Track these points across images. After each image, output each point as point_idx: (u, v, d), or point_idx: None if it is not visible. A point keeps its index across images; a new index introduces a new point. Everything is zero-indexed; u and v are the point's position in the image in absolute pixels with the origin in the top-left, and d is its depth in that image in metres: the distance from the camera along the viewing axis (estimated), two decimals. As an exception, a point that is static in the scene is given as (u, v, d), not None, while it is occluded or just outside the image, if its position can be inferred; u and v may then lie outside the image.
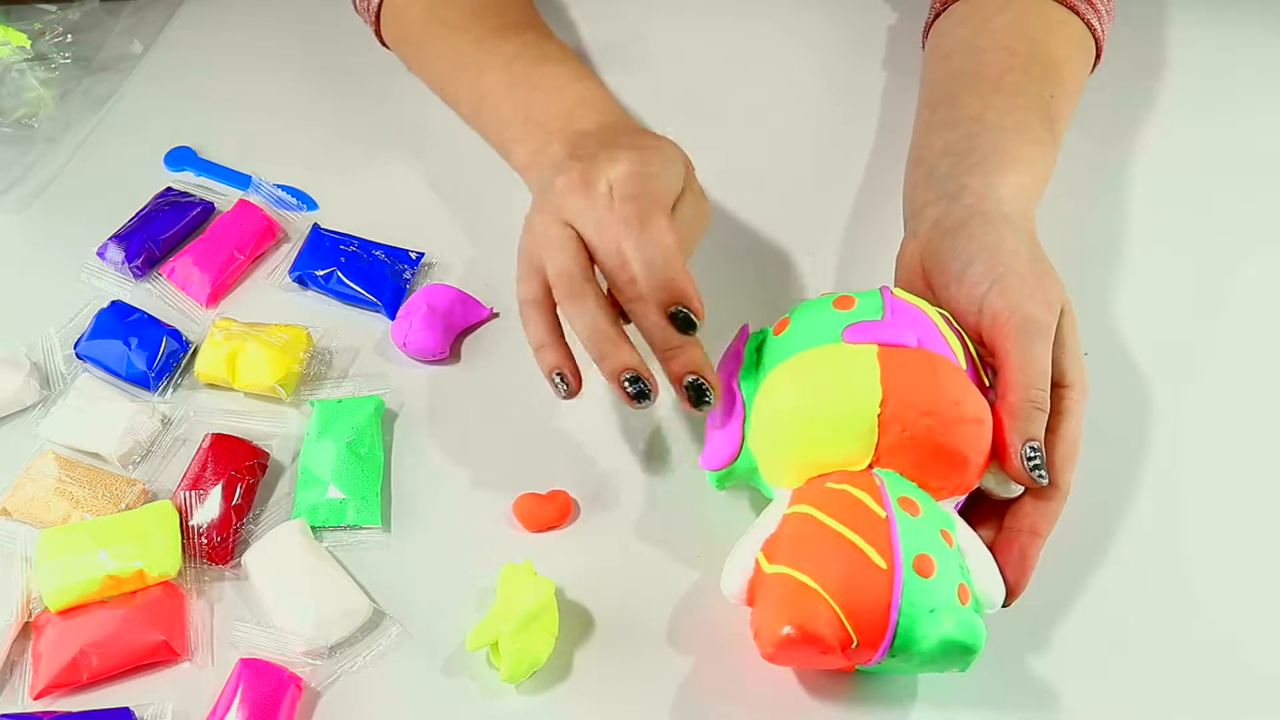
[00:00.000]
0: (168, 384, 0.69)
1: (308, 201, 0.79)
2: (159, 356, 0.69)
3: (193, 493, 0.63)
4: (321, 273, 0.73)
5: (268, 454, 0.66)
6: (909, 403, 0.54)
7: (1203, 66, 0.87)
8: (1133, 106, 0.84)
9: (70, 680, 0.58)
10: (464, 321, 0.72)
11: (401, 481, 0.66)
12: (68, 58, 0.87)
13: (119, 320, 0.70)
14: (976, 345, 0.60)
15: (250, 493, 0.64)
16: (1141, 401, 0.68)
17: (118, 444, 0.65)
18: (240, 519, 0.63)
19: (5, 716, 0.57)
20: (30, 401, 0.68)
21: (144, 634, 0.58)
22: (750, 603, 0.55)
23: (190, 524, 0.62)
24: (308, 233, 0.75)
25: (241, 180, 0.79)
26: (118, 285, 0.74)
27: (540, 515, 0.64)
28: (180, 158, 0.81)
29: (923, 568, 0.52)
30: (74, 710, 0.57)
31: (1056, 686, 0.58)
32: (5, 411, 0.68)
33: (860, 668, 0.56)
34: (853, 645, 0.51)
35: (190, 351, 0.70)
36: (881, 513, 0.53)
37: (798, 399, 0.56)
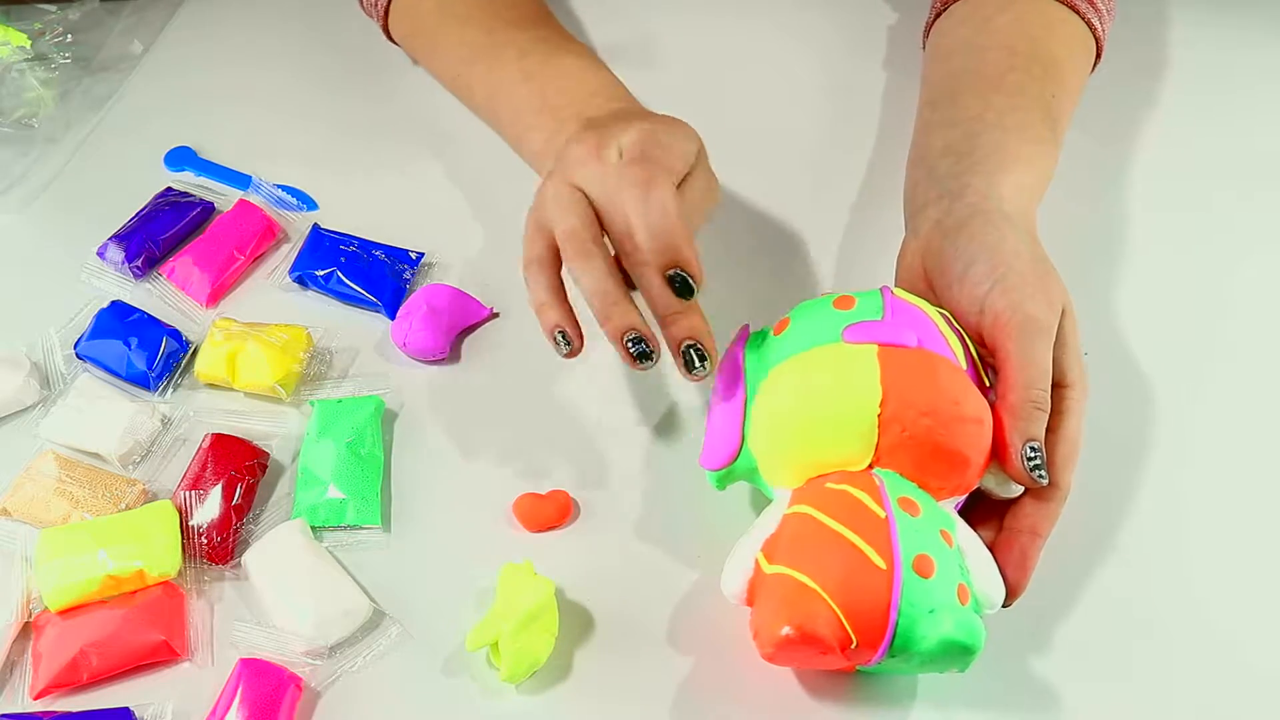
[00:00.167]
0: (168, 384, 0.69)
1: (308, 201, 0.79)
2: (159, 356, 0.69)
3: (193, 493, 0.63)
4: (321, 273, 0.73)
5: (268, 454, 0.66)
6: (909, 403, 0.54)
7: (1203, 66, 0.87)
8: (1133, 106, 0.84)
9: (70, 680, 0.58)
10: (464, 321, 0.72)
11: (401, 481, 0.66)
12: (68, 58, 0.87)
13: (119, 320, 0.70)
14: (977, 345, 0.60)
15: (250, 493, 0.64)
16: (1142, 401, 0.68)
17: (118, 444, 0.65)
18: (240, 519, 0.63)
19: (5, 716, 0.57)
20: (30, 401, 0.68)
21: (144, 634, 0.58)
22: (750, 603, 0.55)
23: (190, 524, 0.62)
24: (308, 233, 0.75)
25: (241, 180, 0.79)
26: (118, 285, 0.74)
27: (540, 515, 0.64)
28: (180, 158, 0.81)
29: (922, 568, 0.52)
30: (74, 710, 0.57)
31: (1057, 686, 0.58)
32: (5, 411, 0.68)
33: (860, 668, 0.56)
34: (852, 646, 0.51)
35: (190, 351, 0.70)
36: (881, 513, 0.53)
37: (798, 399, 0.56)
